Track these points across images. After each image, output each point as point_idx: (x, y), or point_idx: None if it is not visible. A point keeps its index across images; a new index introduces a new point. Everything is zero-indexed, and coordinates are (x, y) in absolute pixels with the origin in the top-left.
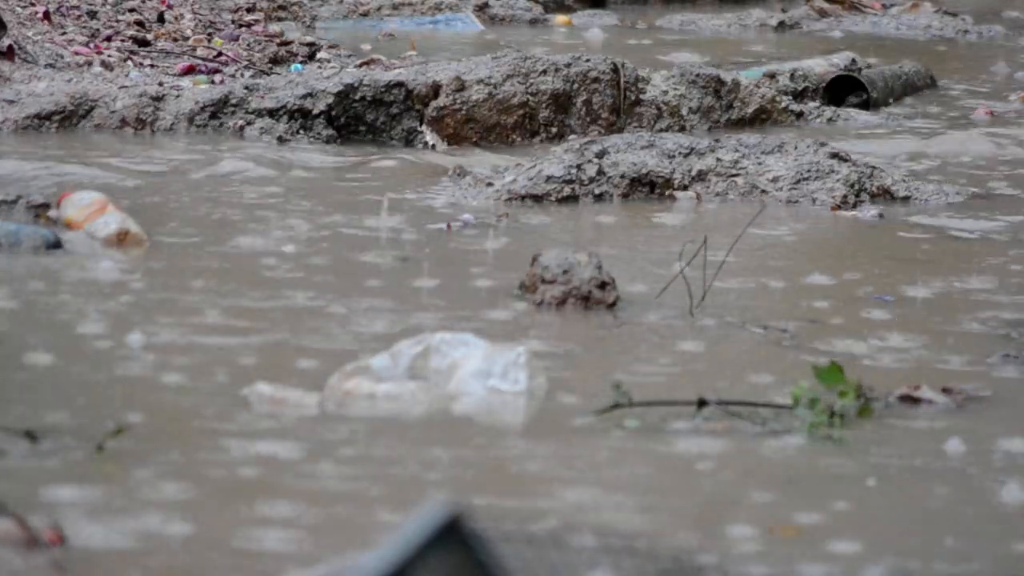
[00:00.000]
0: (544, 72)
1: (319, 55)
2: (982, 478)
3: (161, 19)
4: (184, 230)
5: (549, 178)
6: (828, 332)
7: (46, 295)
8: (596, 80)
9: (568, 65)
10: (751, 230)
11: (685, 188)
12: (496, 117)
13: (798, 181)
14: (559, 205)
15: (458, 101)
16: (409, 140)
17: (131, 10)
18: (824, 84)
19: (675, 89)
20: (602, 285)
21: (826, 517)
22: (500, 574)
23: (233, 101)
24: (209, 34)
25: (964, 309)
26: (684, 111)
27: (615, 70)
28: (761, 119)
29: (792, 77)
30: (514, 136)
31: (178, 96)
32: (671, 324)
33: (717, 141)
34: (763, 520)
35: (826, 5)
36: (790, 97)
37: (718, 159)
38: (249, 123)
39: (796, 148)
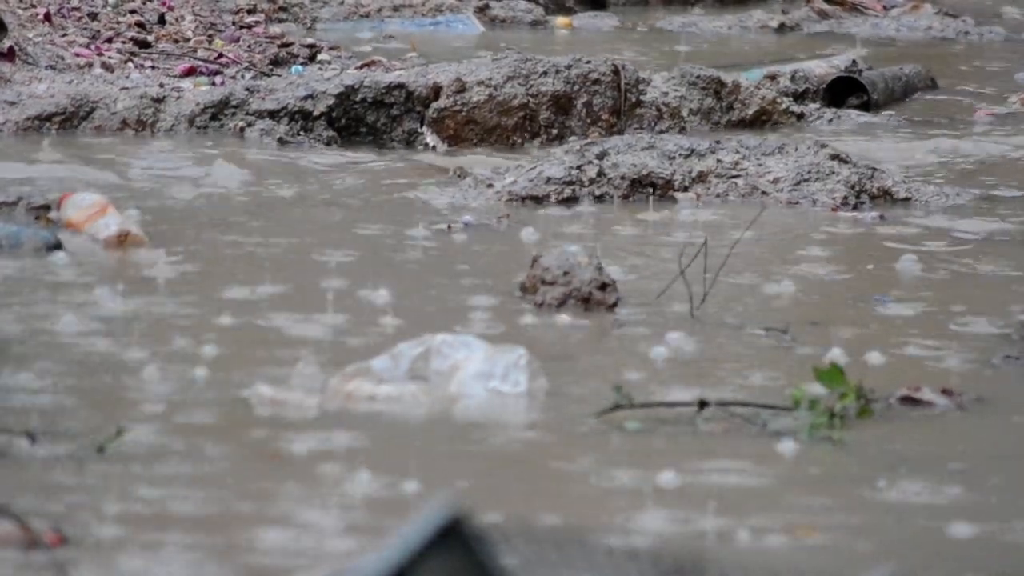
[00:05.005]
0: (545, 74)
1: (320, 56)
2: (982, 478)
3: (162, 20)
4: (185, 231)
5: (550, 179)
6: (828, 333)
7: (46, 295)
8: (597, 82)
9: (569, 67)
10: (751, 231)
11: (685, 189)
12: (497, 118)
13: (798, 182)
14: (560, 206)
15: (459, 102)
16: (410, 141)
17: (132, 11)
18: (825, 85)
19: (675, 91)
20: (603, 286)
21: (827, 518)
22: None
23: (234, 103)
24: (210, 35)
25: (965, 310)
26: (684, 112)
27: (615, 72)
28: (762, 120)
29: (793, 79)
30: (515, 137)
31: (179, 97)
32: (672, 325)
33: (717, 142)
34: (763, 521)
35: (827, 7)
36: (791, 99)
37: (718, 160)
38: (250, 124)
39: (796, 149)
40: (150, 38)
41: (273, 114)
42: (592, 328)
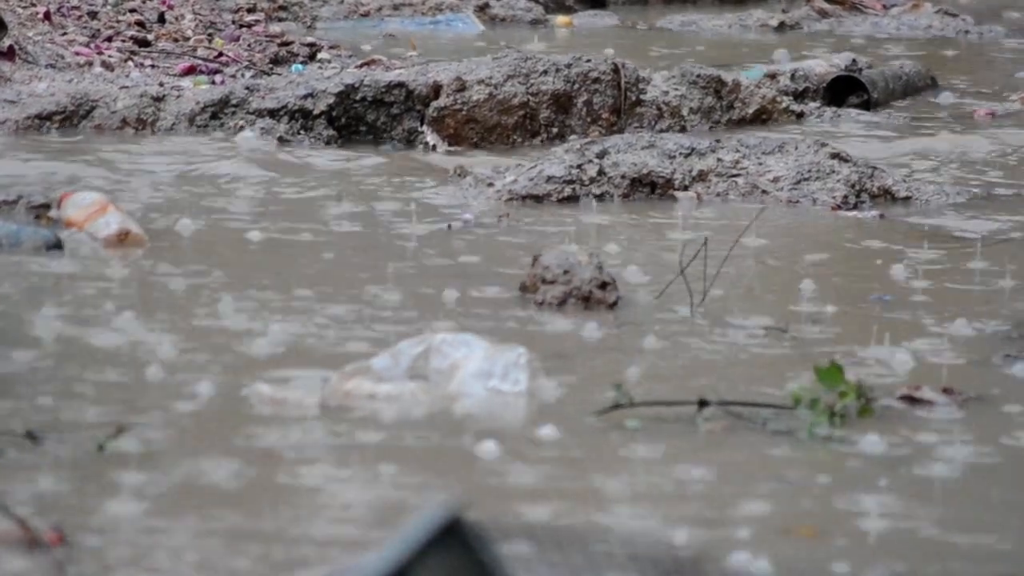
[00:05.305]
0: (545, 72)
1: (320, 55)
2: (982, 478)
3: (162, 19)
4: (184, 231)
5: (550, 178)
6: (828, 332)
7: (47, 295)
8: (597, 80)
9: (569, 65)
10: (751, 230)
11: (686, 188)
12: (497, 117)
13: (799, 181)
14: (560, 205)
15: (459, 101)
16: (410, 140)
17: (132, 10)
18: (825, 84)
19: (676, 89)
20: (603, 285)
21: (827, 517)
22: (500, 575)
23: (234, 101)
24: (210, 34)
25: (965, 309)
26: (685, 111)
27: (615, 70)
28: (762, 119)
29: (793, 77)
30: (515, 136)
31: (179, 96)
32: (672, 324)
33: (718, 141)
34: (763, 521)
35: (827, 6)
36: (791, 97)
37: (719, 159)
38: (250, 123)
39: (797, 148)
40: (150, 37)
41: (273, 113)
42: (592, 327)
